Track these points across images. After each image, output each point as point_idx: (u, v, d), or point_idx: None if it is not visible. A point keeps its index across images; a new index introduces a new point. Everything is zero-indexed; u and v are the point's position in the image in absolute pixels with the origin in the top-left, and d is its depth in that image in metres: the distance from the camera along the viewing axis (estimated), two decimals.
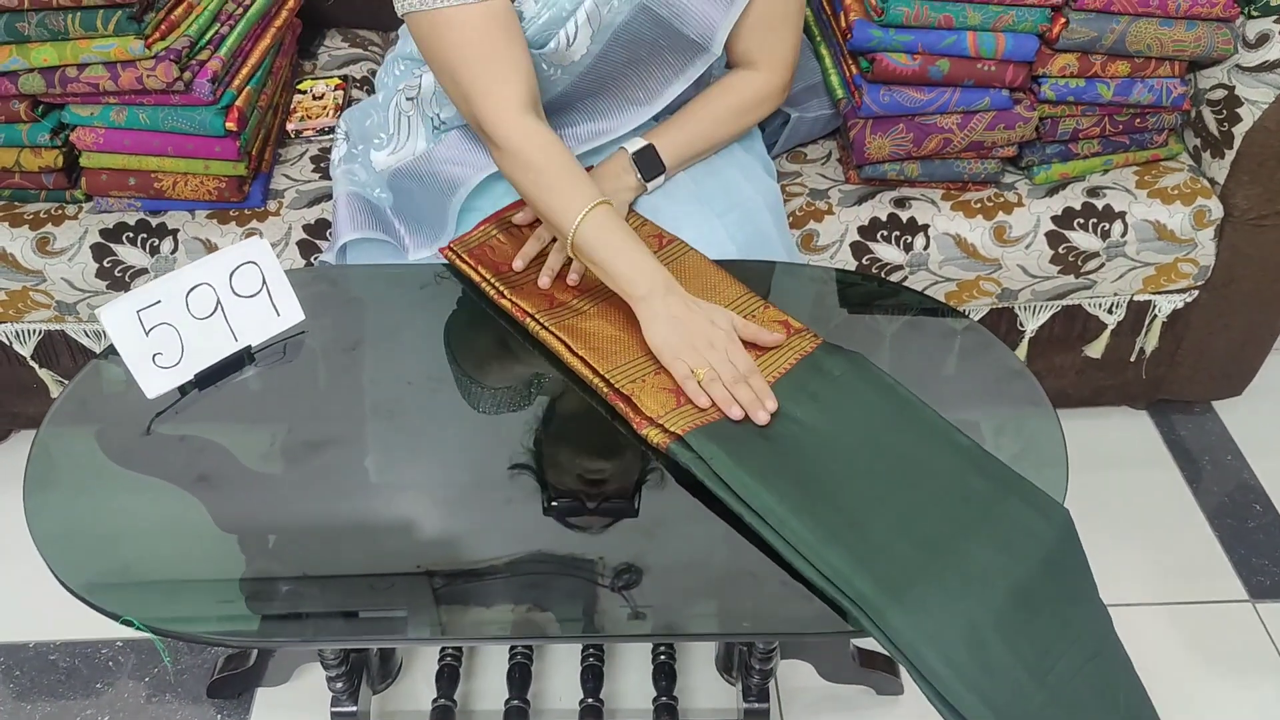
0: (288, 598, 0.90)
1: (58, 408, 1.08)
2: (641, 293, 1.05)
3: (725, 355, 1.02)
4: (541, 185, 1.12)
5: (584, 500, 0.98)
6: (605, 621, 0.89)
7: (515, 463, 1.01)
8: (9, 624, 1.53)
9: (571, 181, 1.11)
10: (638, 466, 0.99)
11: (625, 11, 1.18)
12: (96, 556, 0.94)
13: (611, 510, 0.97)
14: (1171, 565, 1.61)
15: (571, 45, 1.19)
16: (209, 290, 1.07)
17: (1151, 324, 1.63)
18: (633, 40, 1.21)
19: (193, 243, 1.47)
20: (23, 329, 1.55)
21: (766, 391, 1.00)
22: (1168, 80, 1.46)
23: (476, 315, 1.16)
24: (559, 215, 1.10)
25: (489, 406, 1.08)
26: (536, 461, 1.01)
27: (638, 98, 1.28)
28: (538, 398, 1.08)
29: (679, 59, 1.25)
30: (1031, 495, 0.92)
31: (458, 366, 1.12)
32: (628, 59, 1.23)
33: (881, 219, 1.50)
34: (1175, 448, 1.80)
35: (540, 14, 1.18)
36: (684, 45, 1.23)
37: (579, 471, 1.01)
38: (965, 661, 0.82)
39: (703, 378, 1.00)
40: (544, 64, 1.22)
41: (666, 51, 1.24)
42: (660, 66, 1.25)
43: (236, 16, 1.51)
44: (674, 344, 1.03)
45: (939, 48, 1.40)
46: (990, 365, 1.13)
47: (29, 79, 1.38)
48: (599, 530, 0.96)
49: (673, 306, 1.04)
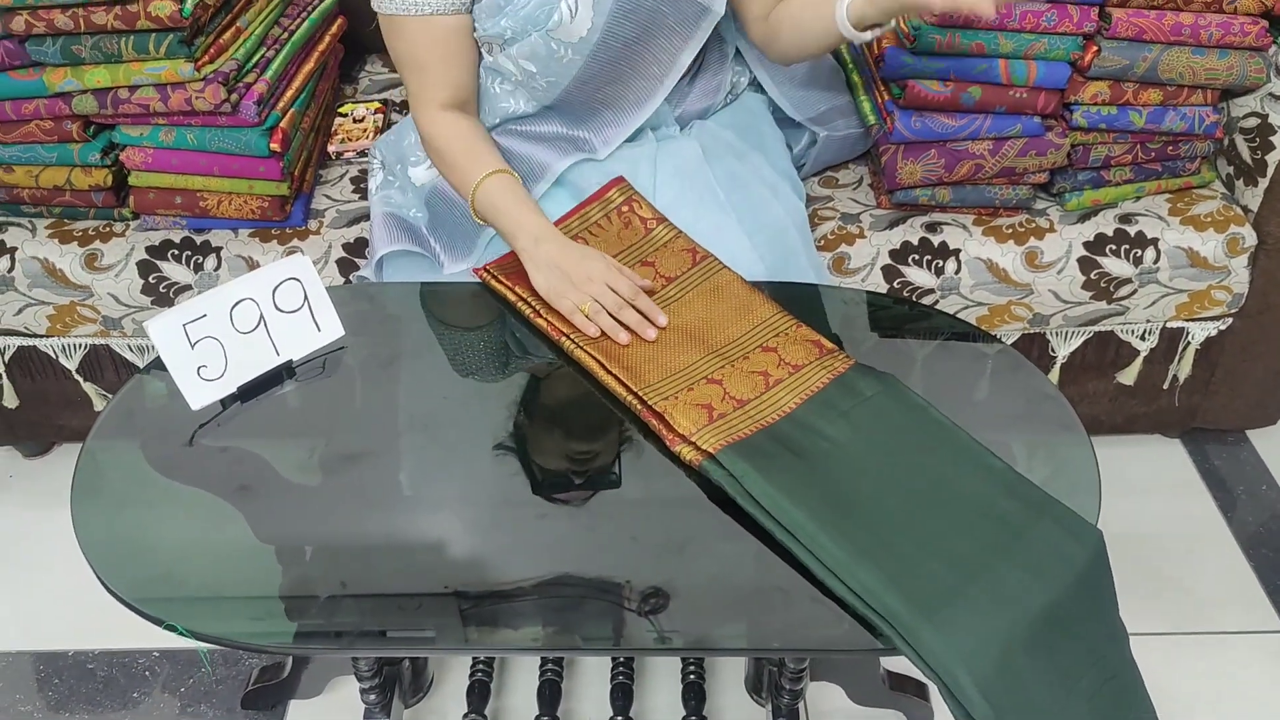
0: (326, 606, 0.91)
1: (104, 419, 1.10)
2: (522, 244, 1.19)
3: (604, 285, 1.13)
4: (446, 164, 1.30)
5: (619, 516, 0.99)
6: (636, 635, 0.90)
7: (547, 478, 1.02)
8: (48, 632, 1.56)
9: (470, 159, 1.26)
10: (670, 484, 1.00)
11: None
12: (141, 564, 0.96)
13: (643, 526, 0.98)
14: (1205, 596, 1.59)
15: (574, 18, 1.22)
16: (252, 305, 1.09)
17: (1185, 351, 1.63)
18: (634, 9, 1.23)
19: (235, 260, 1.50)
20: (69, 343, 1.59)
21: (654, 309, 1.13)
22: (1200, 108, 1.47)
23: (512, 333, 1.18)
24: (461, 189, 1.27)
25: (523, 422, 1.09)
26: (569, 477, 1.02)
27: (653, 73, 1.31)
28: (571, 415, 1.10)
29: (684, 25, 1.27)
30: (1064, 517, 0.92)
31: (493, 383, 1.14)
32: (636, 32, 1.25)
33: (913, 243, 1.51)
34: (1209, 477, 1.79)
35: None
36: (684, 6, 1.25)
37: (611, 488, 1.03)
38: (995, 682, 0.83)
39: (588, 310, 1.12)
40: (553, 43, 1.24)
41: (670, 17, 1.26)
42: (668, 35, 1.28)
43: (282, 41, 1.55)
44: (555, 285, 1.15)
45: (971, 74, 1.42)
46: (1023, 389, 1.14)
47: (82, 100, 1.42)
48: (631, 546, 0.97)
49: (550, 253, 1.17)
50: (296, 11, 1.63)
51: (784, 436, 0.98)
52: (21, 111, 1.44)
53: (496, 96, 1.34)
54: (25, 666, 1.52)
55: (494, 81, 1.34)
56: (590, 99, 1.31)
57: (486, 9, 1.24)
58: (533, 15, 1.22)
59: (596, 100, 1.31)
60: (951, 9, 1.11)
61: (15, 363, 1.63)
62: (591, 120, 1.34)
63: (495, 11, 1.24)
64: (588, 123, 1.34)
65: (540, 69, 1.27)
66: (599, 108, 1.32)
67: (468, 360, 1.18)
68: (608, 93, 1.31)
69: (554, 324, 1.13)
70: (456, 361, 1.17)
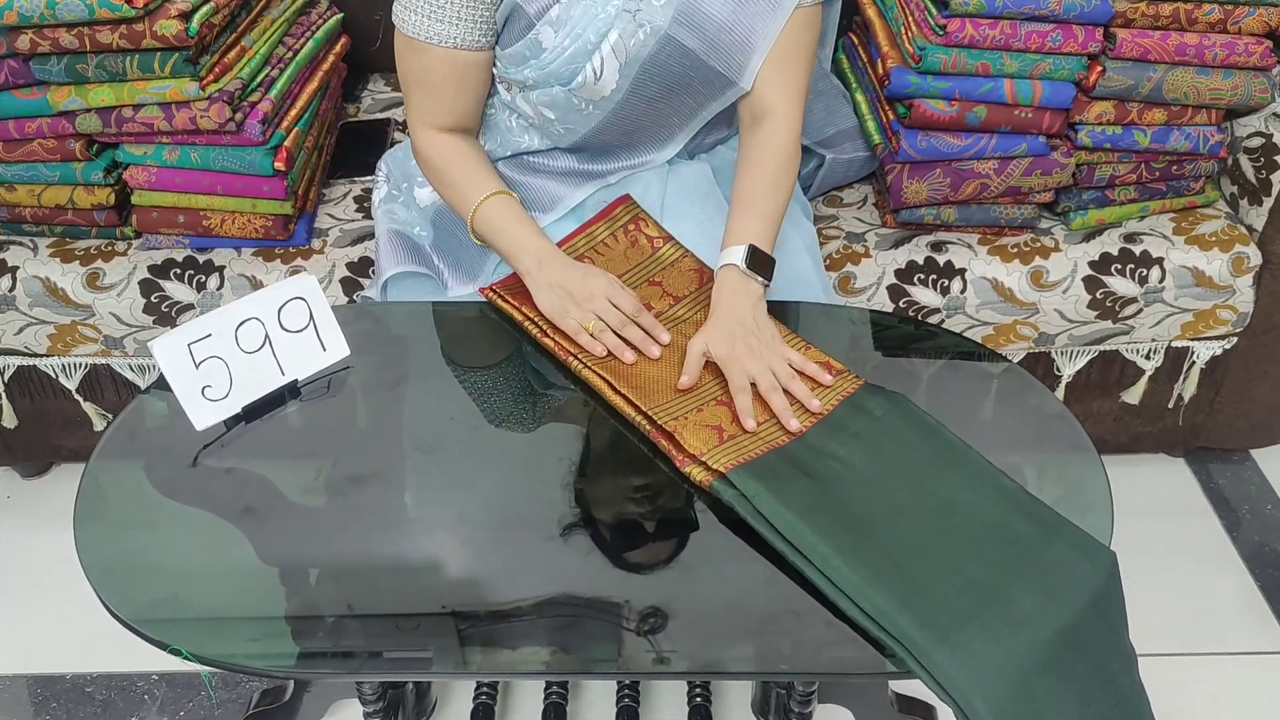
0: (330, 629, 0.90)
1: (106, 440, 1.09)
2: (525, 266, 1.18)
3: (607, 302, 1.13)
4: (444, 183, 1.27)
5: (626, 538, 0.98)
6: (643, 659, 0.89)
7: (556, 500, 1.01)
8: (46, 655, 1.54)
9: (469, 180, 1.25)
10: (679, 505, 1.00)
11: (652, 44, 1.19)
12: (144, 587, 0.95)
13: (654, 548, 0.97)
14: (1210, 616, 1.59)
15: (600, 79, 1.21)
16: (258, 325, 1.08)
17: (1190, 370, 1.63)
18: (661, 73, 1.22)
19: (239, 279, 1.50)
20: (70, 363, 1.58)
21: (657, 326, 1.13)
22: (1204, 128, 1.47)
23: (518, 353, 1.18)
24: (460, 209, 1.25)
25: (530, 443, 1.09)
26: (578, 499, 1.02)
27: (673, 123, 1.30)
28: (579, 436, 1.09)
29: (709, 89, 1.25)
30: (1076, 538, 0.92)
31: (499, 404, 1.13)
32: (660, 93, 1.24)
33: (918, 262, 1.51)
34: (1214, 496, 1.78)
35: (564, 46, 1.20)
36: (712, 77, 1.23)
37: (621, 509, 1.02)
38: (1010, 706, 0.82)
39: (593, 328, 1.11)
40: (574, 99, 1.24)
41: (697, 82, 1.24)
42: (693, 95, 1.26)
43: (287, 60, 1.55)
44: (559, 305, 1.14)
45: (976, 94, 1.42)
46: (1031, 408, 1.13)
47: (86, 119, 1.42)
48: (642, 568, 0.96)
49: (553, 274, 1.16)
50: (301, 31, 1.63)
51: (795, 457, 0.98)
52: (25, 130, 1.43)
53: (511, 131, 1.33)
54: (22, 690, 1.50)
55: (510, 117, 1.32)
56: (606, 143, 1.31)
57: (511, 57, 1.23)
58: (558, 72, 1.21)
59: (613, 144, 1.31)
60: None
61: (15, 382, 1.62)
62: (605, 158, 1.33)
63: (520, 61, 1.22)
64: (601, 160, 1.33)
65: (559, 117, 1.27)
66: (615, 149, 1.32)
67: (473, 381, 1.17)
68: (624, 140, 1.31)
69: (561, 344, 1.13)
70: (462, 382, 1.16)
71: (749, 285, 1.13)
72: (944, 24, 1.38)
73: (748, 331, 1.08)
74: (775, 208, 1.20)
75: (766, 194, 1.20)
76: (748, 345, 1.07)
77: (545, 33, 1.19)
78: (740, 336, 1.07)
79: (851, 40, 1.69)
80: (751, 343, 1.07)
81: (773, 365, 1.05)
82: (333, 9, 1.74)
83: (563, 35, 1.19)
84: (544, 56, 1.20)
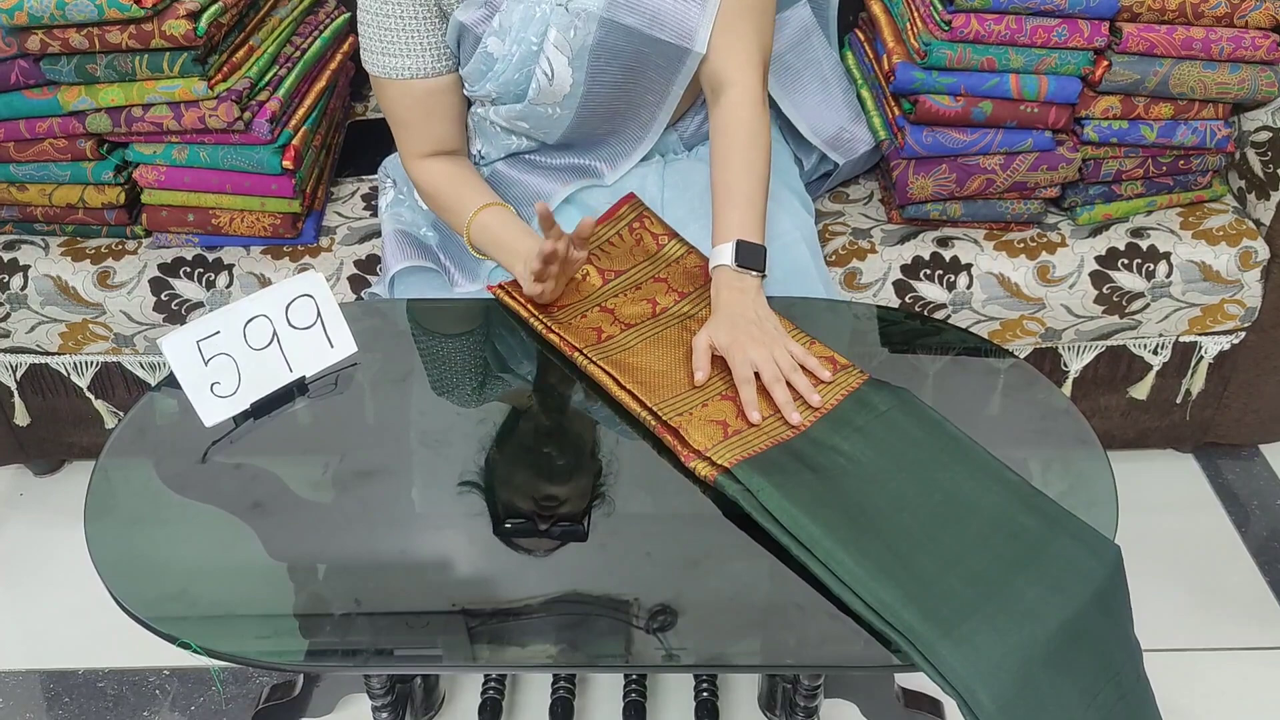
0: (339, 624, 0.91)
1: (117, 437, 1.10)
2: (518, 272, 1.20)
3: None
4: (440, 207, 1.32)
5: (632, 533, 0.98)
6: (649, 653, 0.89)
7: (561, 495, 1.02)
8: (58, 650, 1.55)
9: (459, 200, 1.28)
10: (684, 500, 1.00)
11: (593, 31, 1.20)
12: (154, 582, 0.96)
13: (656, 542, 0.97)
14: (1219, 611, 1.58)
15: (554, 79, 1.22)
16: (266, 322, 1.09)
17: (1197, 366, 1.62)
18: (613, 56, 1.22)
19: (247, 278, 1.51)
20: (81, 360, 1.59)
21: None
22: (1211, 122, 1.47)
23: (524, 349, 1.18)
24: (457, 228, 1.29)
25: (536, 439, 1.09)
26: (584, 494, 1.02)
27: (649, 101, 1.30)
28: (585, 432, 1.09)
29: (669, 63, 1.24)
30: (1081, 532, 0.92)
31: (505, 399, 1.14)
32: (620, 76, 1.24)
33: (924, 258, 1.51)
34: (1222, 491, 1.78)
35: (511, 52, 1.22)
36: (664, 48, 1.22)
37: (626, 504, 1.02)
38: (1014, 699, 0.82)
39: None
40: (538, 109, 1.25)
41: (653, 57, 1.24)
42: (656, 71, 1.25)
43: (295, 60, 1.56)
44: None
45: (982, 90, 1.42)
46: (1037, 403, 1.13)
47: (96, 118, 1.43)
48: (645, 562, 0.96)
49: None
50: (308, 30, 1.64)
51: (800, 452, 0.98)
52: (35, 130, 1.44)
53: (498, 135, 1.35)
54: (34, 685, 1.51)
55: (493, 125, 1.35)
56: (590, 134, 1.32)
57: (470, 75, 1.26)
58: (512, 80, 1.23)
59: (598, 134, 1.32)
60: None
61: (27, 380, 1.63)
62: (598, 149, 1.34)
63: (479, 77, 1.25)
64: (594, 151, 1.34)
65: (533, 125, 1.30)
66: (603, 137, 1.33)
67: (479, 376, 1.17)
68: (606, 126, 1.32)
69: (567, 340, 1.13)
70: (469, 378, 1.17)
71: (744, 281, 1.14)
72: (949, 19, 1.38)
73: (749, 322, 1.09)
74: (752, 188, 1.19)
75: (740, 177, 1.19)
76: (750, 334, 1.07)
77: (492, 43, 1.22)
78: (743, 327, 1.08)
79: (857, 36, 1.69)
80: (754, 331, 1.07)
81: (775, 354, 1.06)
82: (340, 8, 1.75)
83: (508, 43, 1.21)
84: (496, 67, 1.23)
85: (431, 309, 1.28)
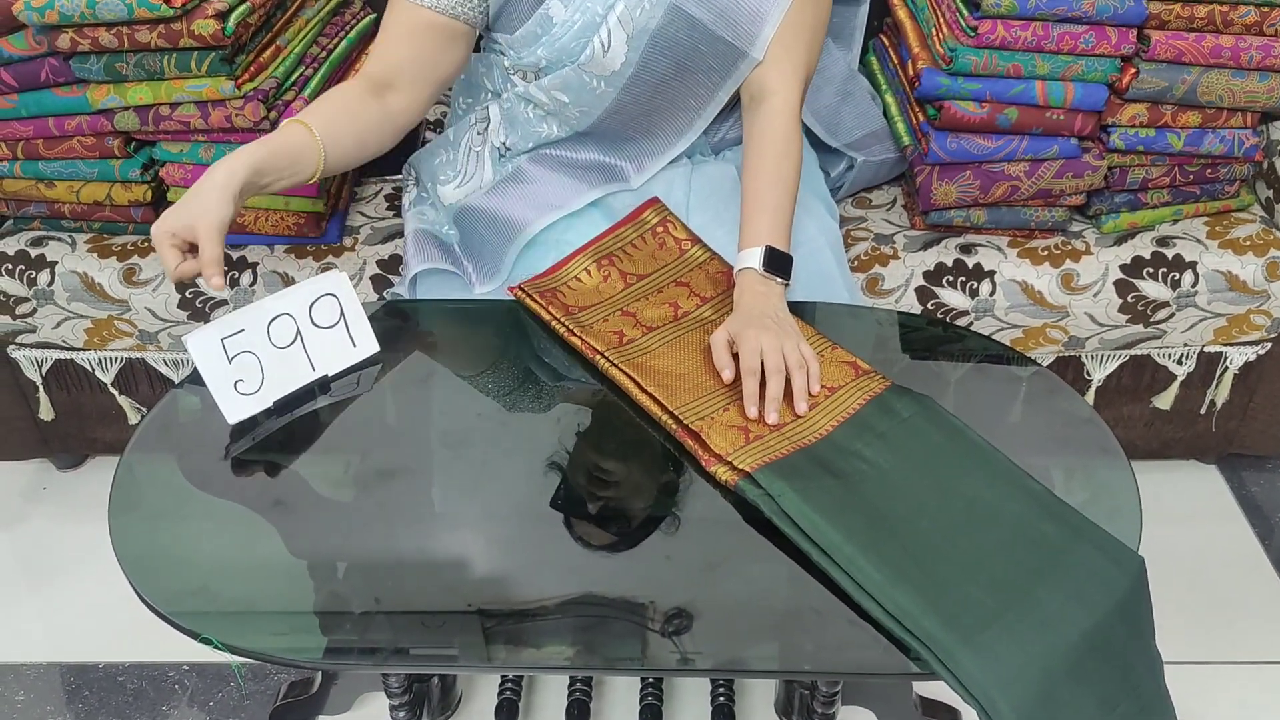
0: (359, 622, 0.91)
1: (141, 433, 1.11)
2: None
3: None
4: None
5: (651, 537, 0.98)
6: (666, 656, 0.89)
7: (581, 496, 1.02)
8: (80, 644, 1.57)
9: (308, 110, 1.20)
10: (704, 504, 1.00)
11: (659, 15, 1.20)
12: (176, 578, 0.96)
13: (676, 546, 0.97)
14: (1242, 624, 1.57)
15: (609, 51, 1.22)
16: (289, 320, 1.10)
17: (1222, 376, 1.61)
18: (670, 46, 1.22)
19: (271, 276, 1.52)
20: (106, 356, 1.61)
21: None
22: (1239, 131, 1.46)
23: (546, 351, 1.18)
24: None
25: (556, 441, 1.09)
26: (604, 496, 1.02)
27: (689, 105, 1.30)
28: (605, 435, 1.09)
29: (722, 65, 1.25)
30: (1104, 542, 0.91)
31: (526, 402, 1.14)
32: (671, 70, 1.25)
33: (947, 264, 1.50)
34: (1246, 503, 1.76)
35: (573, 20, 1.22)
36: (722, 48, 1.23)
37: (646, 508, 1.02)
38: (1034, 708, 0.81)
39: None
40: (585, 75, 1.24)
41: (708, 57, 1.24)
42: (705, 73, 1.26)
43: (320, 60, 1.57)
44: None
45: (1007, 96, 1.41)
46: (1060, 412, 1.12)
47: (124, 116, 1.44)
48: (665, 566, 0.96)
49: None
50: (335, 31, 1.65)
51: (821, 457, 0.98)
52: (64, 128, 1.46)
53: (529, 121, 1.34)
54: (55, 678, 1.53)
55: (527, 108, 1.34)
56: (625, 128, 1.31)
57: (523, 38, 1.25)
58: (568, 47, 1.22)
59: (631, 129, 1.32)
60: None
61: (52, 375, 1.65)
62: (626, 148, 1.34)
63: (532, 40, 1.24)
64: (623, 149, 1.34)
65: (573, 99, 1.28)
66: (635, 136, 1.33)
67: (501, 378, 1.18)
68: (642, 124, 1.31)
69: (588, 343, 1.13)
70: (490, 379, 1.17)
71: (769, 285, 1.14)
72: (975, 25, 1.37)
73: (765, 316, 1.09)
74: (782, 197, 1.20)
75: (771, 186, 1.20)
76: (763, 324, 1.07)
77: (555, 7, 1.22)
78: (757, 318, 1.08)
79: (882, 42, 1.69)
80: (767, 323, 1.07)
81: (785, 346, 1.05)
82: (366, 9, 1.76)
83: (571, 10, 1.21)
84: (554, 31, 1.22)
85: (454, 310, 1.28)
